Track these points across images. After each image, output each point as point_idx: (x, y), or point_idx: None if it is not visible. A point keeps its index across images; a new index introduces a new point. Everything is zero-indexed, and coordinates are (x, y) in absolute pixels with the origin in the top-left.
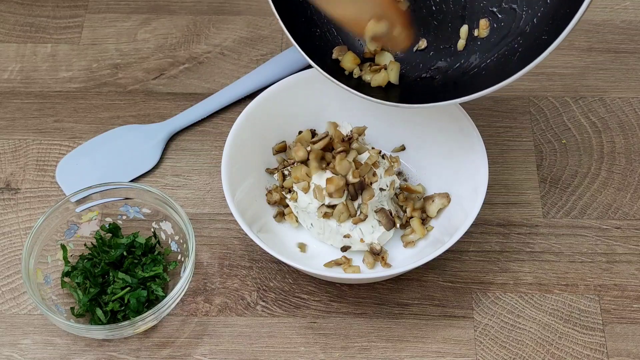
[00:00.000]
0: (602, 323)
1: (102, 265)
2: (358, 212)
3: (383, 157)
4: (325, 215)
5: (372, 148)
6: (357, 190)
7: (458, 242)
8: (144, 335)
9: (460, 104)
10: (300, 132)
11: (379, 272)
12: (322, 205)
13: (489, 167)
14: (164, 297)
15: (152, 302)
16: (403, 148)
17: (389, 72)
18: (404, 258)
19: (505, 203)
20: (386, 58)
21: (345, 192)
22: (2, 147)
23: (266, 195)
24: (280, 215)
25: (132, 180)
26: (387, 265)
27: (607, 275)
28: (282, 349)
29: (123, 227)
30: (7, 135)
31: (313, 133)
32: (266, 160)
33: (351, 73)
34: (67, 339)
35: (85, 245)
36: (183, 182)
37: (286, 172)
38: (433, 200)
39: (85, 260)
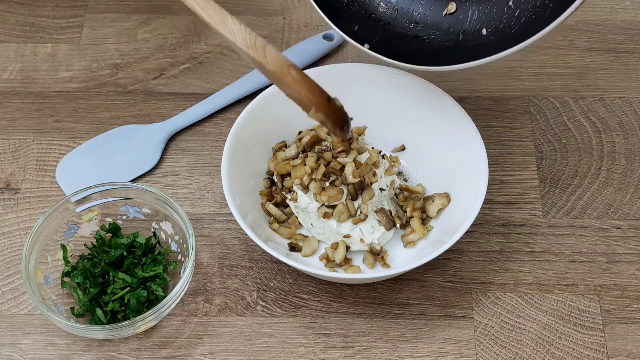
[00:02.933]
0: (602, 323)
1: (102, 265)
2: (358, 212)
3: (383, 157)
4: (325, 216)
5: (372, 148)
6: (357, 190)
7: (458, 242)
8: (144, 335)
9: (460, 104)
10: (300, 132)
11: (379, 272)
12: (322, 205)
13: (489, 167)
14: (164, 297)
15: (152, 302)
16: (403, 148)
17: None
18: (404, 258)
19: (505, 203)
20: None
21: (345, 192)
22: (2, 147)
23: (261, 204)
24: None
25: (132, 180)
26: (386, 265)
27: (607, 275)
28: (282, 349)
29: (123, 227)
30: (7, 135)
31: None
32: (266, 160)
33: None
34: (67, 339)
35: (85, 245)
36: (183, 182)
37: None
38: (433, 200)
39: (85, 260)
